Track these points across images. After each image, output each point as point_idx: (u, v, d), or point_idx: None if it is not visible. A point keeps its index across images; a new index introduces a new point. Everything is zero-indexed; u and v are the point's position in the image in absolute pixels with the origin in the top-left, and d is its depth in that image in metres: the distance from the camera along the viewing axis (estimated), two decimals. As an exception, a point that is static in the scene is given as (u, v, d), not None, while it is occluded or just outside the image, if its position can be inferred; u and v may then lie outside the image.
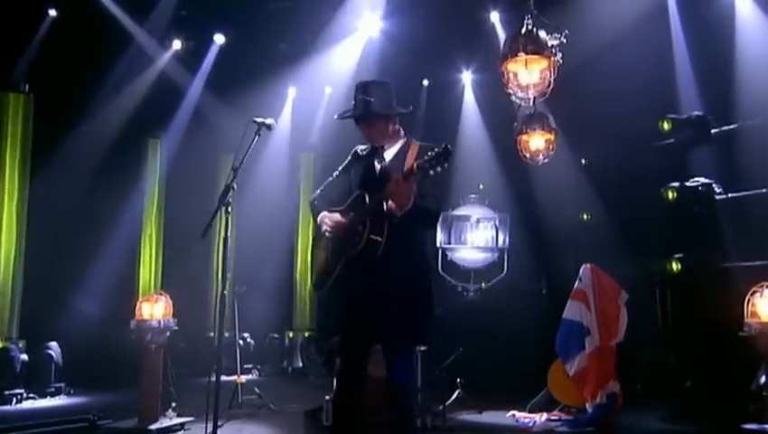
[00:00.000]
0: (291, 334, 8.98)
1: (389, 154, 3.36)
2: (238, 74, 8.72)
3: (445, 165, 2.92)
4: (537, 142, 5.66)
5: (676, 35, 6.99)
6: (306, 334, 8.92)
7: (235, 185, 3.24)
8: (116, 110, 7.98)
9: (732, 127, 6.31)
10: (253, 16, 8.28)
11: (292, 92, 9.64)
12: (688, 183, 6.38)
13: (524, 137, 5.69)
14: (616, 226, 6.95)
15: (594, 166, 7.19)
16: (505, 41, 4.31)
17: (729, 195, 6.30)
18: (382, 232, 3.10)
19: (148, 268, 8.50)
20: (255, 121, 3.41)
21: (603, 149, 7.08)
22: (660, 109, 6.68)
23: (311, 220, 9.03)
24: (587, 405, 5.07)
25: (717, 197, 6.32)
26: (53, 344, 7.08)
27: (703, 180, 6.37)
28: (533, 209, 7.41)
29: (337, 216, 3.32)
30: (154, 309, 5.16)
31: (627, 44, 6.60)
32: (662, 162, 6.74)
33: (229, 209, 3.21)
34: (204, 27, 8.43)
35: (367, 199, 3.16)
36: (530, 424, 5.16)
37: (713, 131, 6.43)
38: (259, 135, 3.39)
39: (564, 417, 5.24)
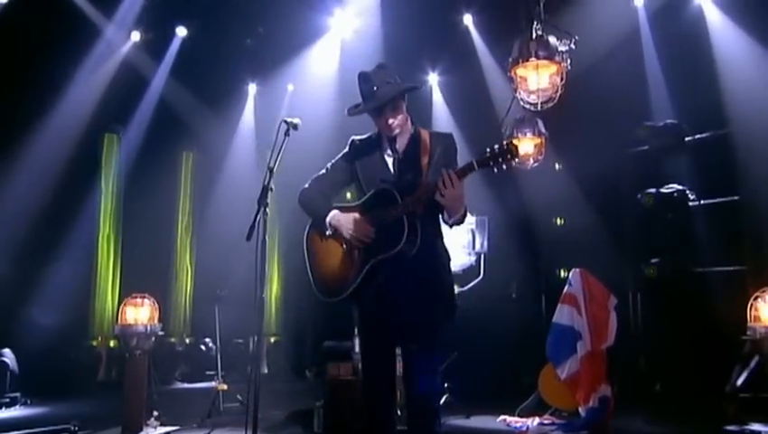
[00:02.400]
0: (256, 339, 8.81)
1: (401, 144, 3.22)
2: (203, 69, 8.56)
3: (512, 163, 2.89)
4: (526, 147, 5.79)
5: (646, 45, 7.25)
6: (273, 340, 8.80)
7: (273, 186, 3.14)
8: (71, 105, 7.69)
9: (705, 135, 6.62)
10: (219, 9, 8.14)
11: (252, 89, 9.50)
12: (663, 190, 6.65)
13: (513, 142, 5.78)
14: (592, 231, 7.15)
15: (571, 172, 7.39)
16: (515, 45, 4.38)
17: (702, 202, 6.61)
18: (417, 232, 3.03)
19: (106, 270, 8.21)
20: (285, 121, 3.32)
21: (581, 155, 7.28)
22: (635, 118, 6.94)
23: (277, 221, 8.96)
24: (580, 409, 5.20)
25: (691, 204, 6.62)
26: (6, 351, 6.76)
27: (677, 186, 6.65)
28: (511, 213, 7.55)
29: (356, 216, 3.14)
30: (139, 313, 5.00)
31: (604, 54, 6.81)
32: (637, 168, 7.01)
33: (267, 210, 3.11)
34: (166, 19, 8.22)
35: (399, 197, 3.04)
36: (523, 428, 5.26)
37: (686, 139, 6.73)
38: (288, 135, 3.30)
39: (557, 421, 5.35)
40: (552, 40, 4.29)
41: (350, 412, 5.09)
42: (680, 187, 6.61)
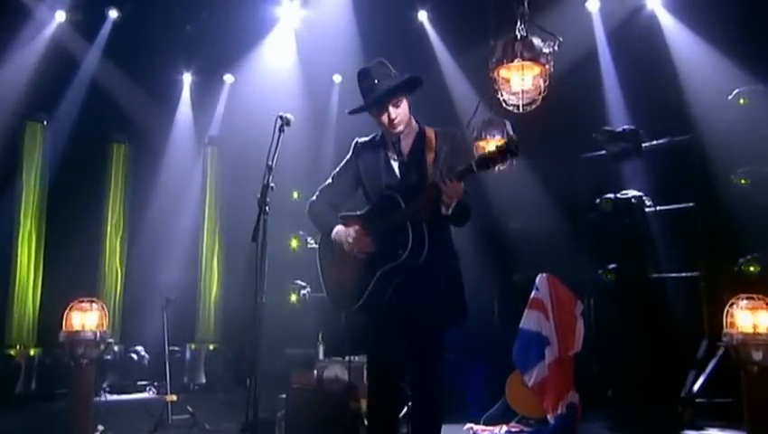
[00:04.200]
0: (193, 347, 8.57)
1: (405, 145, 3.23)
2: (138, 55, 8.28)
3: (512, 162, 2.94)
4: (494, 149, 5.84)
5: (602, 51, 7.49)
6: (212, 347, 8.57)
7: (273, 185, 3.06)
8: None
9: (661, 141, 6.91)
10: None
11: (188, 78, 9.25)
12: (620, 195, 6.90)
13: (481, 143, 5.87)
14: (549, 235, 7.33)
15: (528, 175, 7.54)
16: (499, 45, 4.44)
17: (658, 208, 6.89)
18: (424, 240, 3.03)
19: (26, 272, 7.77)
20: (279, 117, 3.25)
21: (537, 158, 7.44)
22: (593, 123, 7.16)
23: (217, 220, 8.77)
24: (549, 416, 5.32)
25: (647, 209, 6.89)
26: None
27: (634, 192, 6.91)
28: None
29: (355, 228, 3.15)
30: (87, 319, 4.76)
31: (561, 59, 6.99)
32: (595, 173, 7.23)
33: (267, 210, 3.03)
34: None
35: (402, 203, 3.05)
36: (490, 436, 5.34)
37: (644, 145, 7.00)
38: (283, 131, 3.23)
39: (524, 428, 5.45)
40: (536, 41, 4.35)
41: (312, 422, 5.02)
42: (638, 193, 6.86)
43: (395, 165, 3.22)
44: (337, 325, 5.06)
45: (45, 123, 8.01)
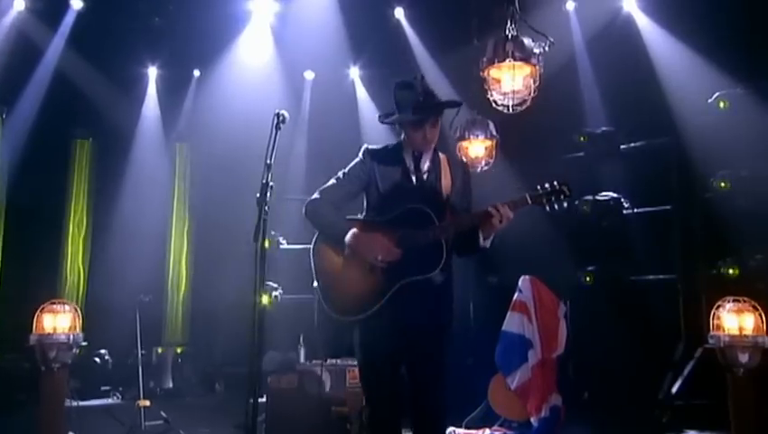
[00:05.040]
0: (160, 351, 8.43)
1: (425, 163, 3.27)
2: (102, 46, 8.11)
3: (564, 204, 3.12)
4: (477, 149, 5.92)
5: (579, 52, 7.59)
6: (179, 350, 8.44)
7: (273, 184, 3.02)
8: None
9: (639, 144, 7.04)
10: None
11: (153, 72, 9.09)
12: (598, 197, 7.01)
13: (464, 144, 5.92)
14: (527, 237, 7.39)
15: (506, 176, 7.60)
16: (489, 45, 4.47)
17: (635, 210, 7.01)
18: (451, 259, 3.16)
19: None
20: (276, 114, 3.22)
21: (515, 159, 7.52)
22: (572, 124, 7.27)
23: (186, 219, 8.63)
24: (532, 419, 5.39)
25: (625, 212, 7.01)
26: None
27: (612, 194, 7.03)
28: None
29: (379, 236, 3.10)
30: (58, 321, 4.65)
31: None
32: (573, 175, 7.30)
33: (267, 209, 2.99)
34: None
35: (435, 219, 3.07)
36: (473, 440, 5.38)
37: (621, 147, 7.13)
38: (279, 128, 3.19)
39: (507, 432, 5.51)
40: (527, 41, 4.40)
41: (294, 427, 5.00)
42: (615, 195, 6.97)
43: (414, 179, 3.25)
44: (319, 329, 5.04)
45: (3, 116, 7.78)
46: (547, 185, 3.12)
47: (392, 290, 3.05)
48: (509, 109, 4.48)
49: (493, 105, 4.53)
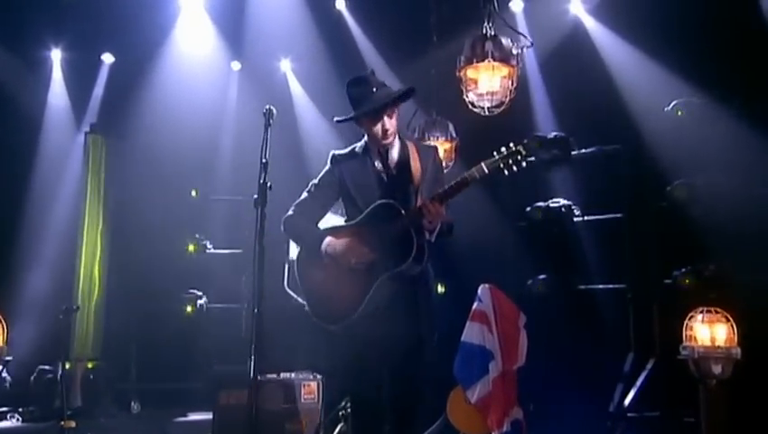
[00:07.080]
0: (68, 366, 7.93)
1: (393, 156, 3.43)
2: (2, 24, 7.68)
3: (523, 166, 3.17)
4: (436, 151, 5.90)
5: (528, 56, 7.74)
6: (90, 365, 8.00)
7: (270, 183, 2.96)
8: None
9: (591, 150, 7.24)
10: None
11: (57, 54, 8.65)
12: (550, 204, 7.16)
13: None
14: (475, 244, 7.46)
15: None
16: (467, 44, 4.51)
17: (586, 218, 7.21)
18: (424, 250, 3.26)
19: None
20: (265, 110, 3.21)
21: (463, 164, 7.58)
22: (523, 130, 7.38)
23: (100, 219, 8.24)
24: (493, 434, 5.41)
25: (576, 219, 7.19)
26: None
27: (563, 201, 7.20)
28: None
29: (350, 240, 3.26)
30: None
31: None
32: (524, 181, 7.43)
33: (264, 211, 2.94)
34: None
35: (402, 211, 3.21)
36: (432, 456, 5.35)
37: (573, 153, 7.30)
38: (270, 124, 3.15)
39: (467, 447, 5.52)
40: (505, 41, 4.45)
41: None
42: (567, 202, 7.14)
43: (382, 174, 3.39)
44: (277, 340, 4.91)
45: None
46: (503, 149, 3.23)
47: (372, 288, 3.16)
48: (485, 111, 4.50)
49: (469, 106, 4.55)
